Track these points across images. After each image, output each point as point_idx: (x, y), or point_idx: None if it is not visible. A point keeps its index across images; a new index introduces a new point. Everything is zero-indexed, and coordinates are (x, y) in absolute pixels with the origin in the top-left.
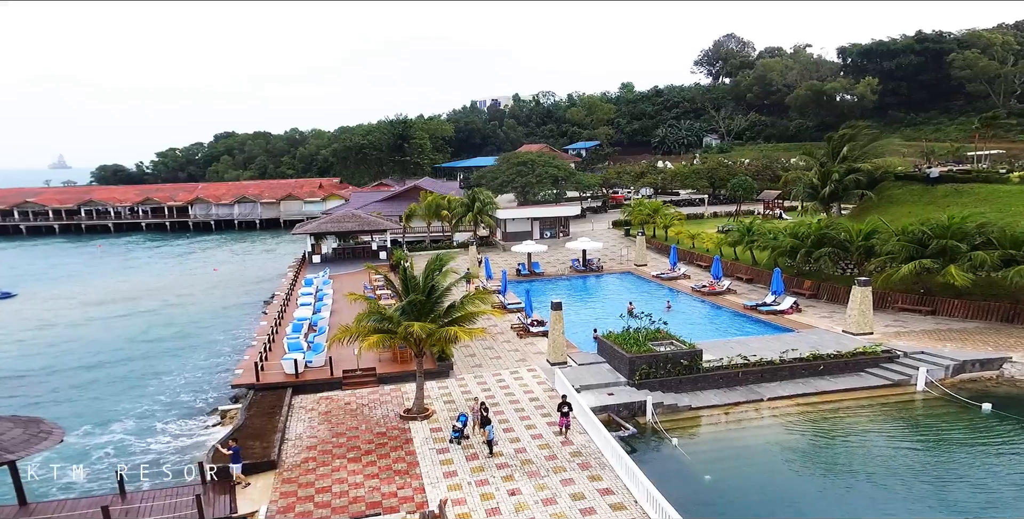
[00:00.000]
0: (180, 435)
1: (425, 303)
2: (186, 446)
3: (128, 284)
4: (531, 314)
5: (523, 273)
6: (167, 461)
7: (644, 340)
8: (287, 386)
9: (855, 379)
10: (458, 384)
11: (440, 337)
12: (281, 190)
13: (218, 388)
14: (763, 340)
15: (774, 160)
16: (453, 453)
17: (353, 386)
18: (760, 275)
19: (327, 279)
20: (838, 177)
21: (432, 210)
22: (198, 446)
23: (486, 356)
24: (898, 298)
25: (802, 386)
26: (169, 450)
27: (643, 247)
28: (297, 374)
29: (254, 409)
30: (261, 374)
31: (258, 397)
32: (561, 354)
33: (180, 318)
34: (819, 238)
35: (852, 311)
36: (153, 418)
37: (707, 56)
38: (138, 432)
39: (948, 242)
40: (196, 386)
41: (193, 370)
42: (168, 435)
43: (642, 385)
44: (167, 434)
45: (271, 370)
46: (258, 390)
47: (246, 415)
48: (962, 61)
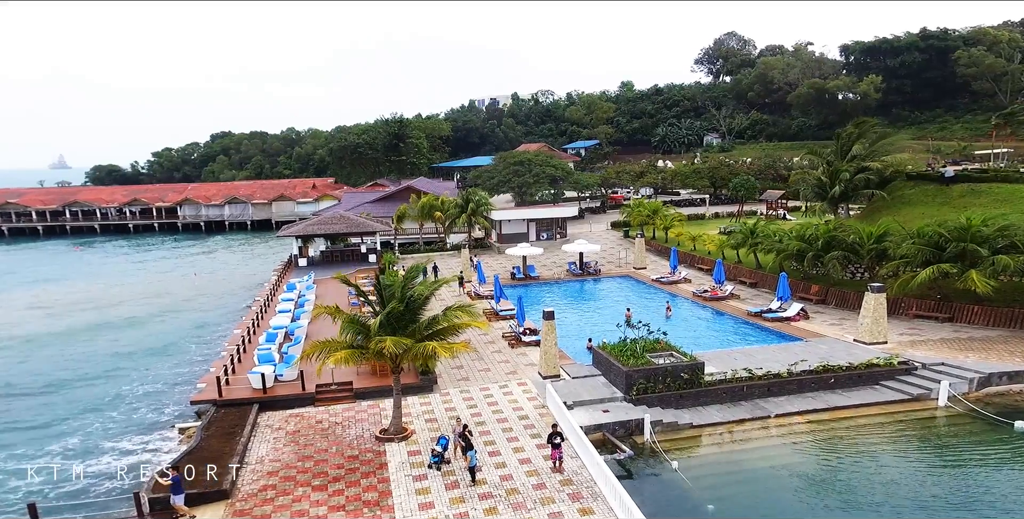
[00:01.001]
0: (127, 455)
1: (403, 315)
2: (131, 469)
3: (99, 288)
4: (523, 322)
5: (518, 277)
6: (100, 488)
7: (642, 352)
8: (253, 402)
9: (870, 393)
10: (442, 400)
11: (417, 353)
12: (273, 190)
13: (181, 402)
14: (769, 350)
15: (776, 159)
16: (431, 480)
17: (327, 402)
18: (764, 279)
19: (310, 284)
20: (848, 176)
21: (425, 211)
22: (145, 469)
23: (474, 368)
24: (912, 304)
25: (812, 401)
26: (109, 473)
27: (642, 249)
28: (265, 389)
29: (213, 428)
30: (225, 389)
31: (219, 415)
32: (553, 367)
33: (150, 325)
34: (828, 241)
35: (864, 319)
36: (101, 435)
37: (707, 54)
38: (80, 452)
39: (968, 245)
40: (157, 399)
41: (155, 381)
42: (113, 455)
43: (640, 400)
44: (112, 454)
45: (237, 384)
46: (220, 407)
47: (202, 435)
48: (968, 58)
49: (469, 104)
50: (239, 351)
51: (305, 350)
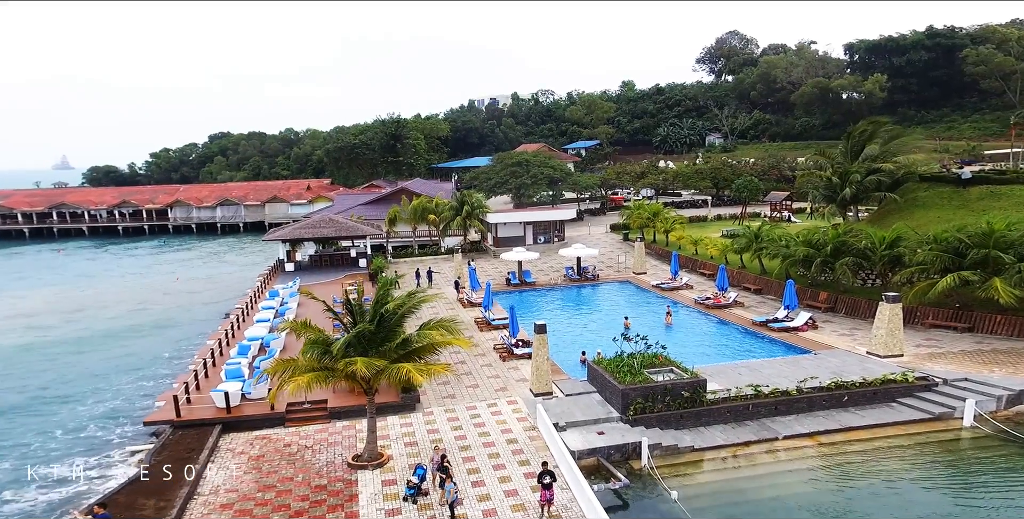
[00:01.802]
0: (64, 484)
1: (375, 334)
2: (63, 501)
3: (75, 293)
4: (516, 333)
5: (513, 282)
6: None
7: (639, 368)
8: (216, 423)
9: (886, 412)
10: (425, 420)
11: (391, 376)
12: (266, 192)
13: (139, 421)
14: (775, 364)
15: (780, 159)
16: (406, 515)
17: (299, 422)
18: (769, 285)
19: (294, 291)
20: (859, 178)
21: (418, 214)
22: (81, 500)
23: (461, 384)
24: (928, 313)
25: (823, 420)
26: (39, 507)
27: (642, 254)
28: (229, 408)
29: (165, 453)
30: (186, 408)
31: (175, 437)
32: (546, 383)
33: (120, 334)
34: (838, 246)
35: (879, 330)
36: (38, 459)
37: (709, 54)
38: (7, 480)
39: (991, 252)
40: (112, 418)
41: (115, 397)
42: (45, 485)
43: (637, 421)
44: (44, 483)
45: (201, 403)
46: (178, 428)
47: (151, 461)
48: (976, 57)
49: (469, 104)
50: (206, 365)
51: (267, 369)
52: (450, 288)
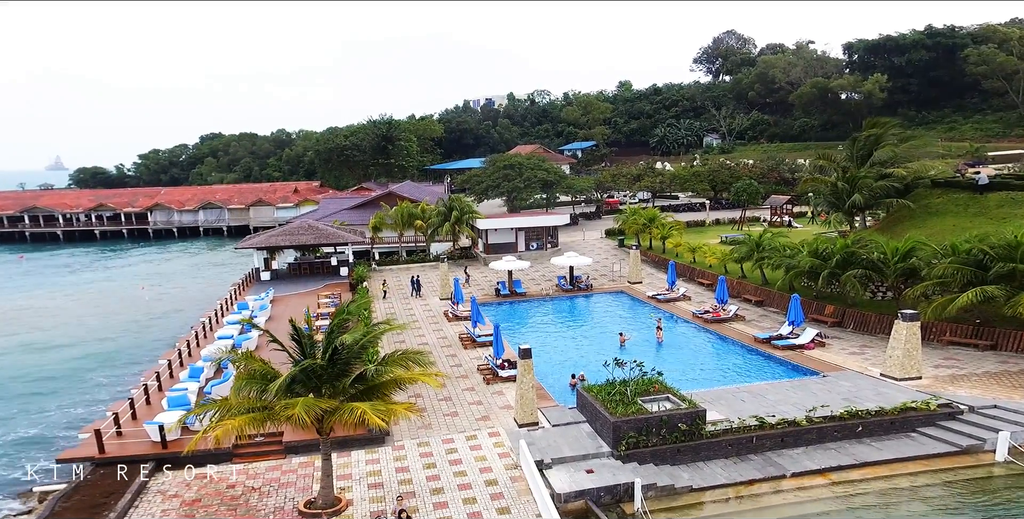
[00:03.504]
0: None
1: (327, 369)
2: None
3: (23, 304)
4: (500, 354)
5: (503, 293)
6: None
7: (633, 396)
8: (149, 459)
9: (907, 444)
10: (395, 455)
11: (342, 418)
12: (251, 195)
13: (56, 454)
14: (781, 388)
15: (780, 161)
16: None
17: (249, 458)
18: (771, 297)
19: (265, 303)
20: (869, 184)
21: (404, 220)
22: None
23: (439, 411)
24: (946, 329)
25: (836, 455)
26: None
27: (637, 262)
28: (165, 442)
29: (77, 497)
30: (115, 441)
31: (94, 477)
32: (531, 413)
33: (63, 350)
34: (846, 257)
35: (894, 350)
36: None
37: (706, 53)
38: None
39: (1018, 266)
40: (25, 450)
41: (32, 425)
42: None
43: (630, 457)
44: None
45: (135, 436)
46: (100, 465)
47: (55, 508)
48: (978, 57)
49: (464, 104)
50: (147, 391)
51: (192, 410)
52: (435, 299)
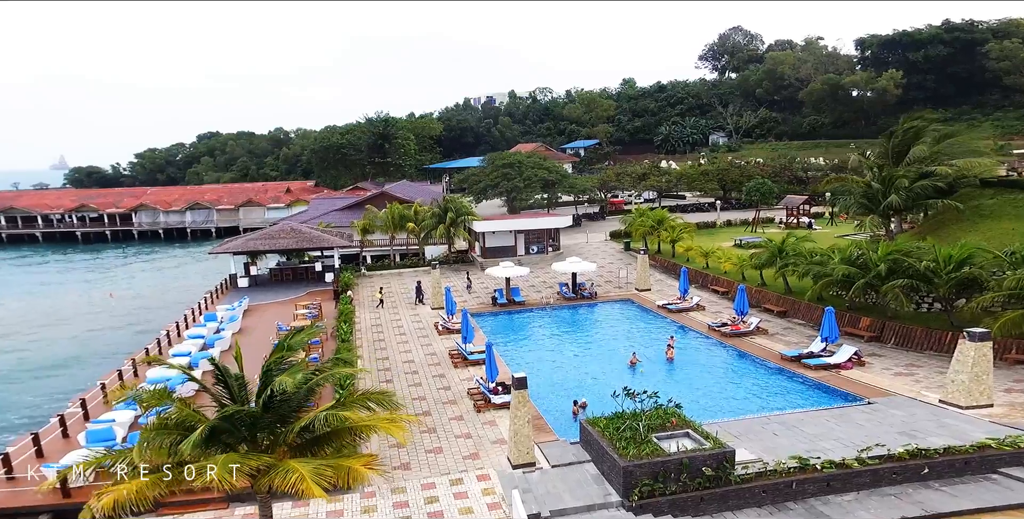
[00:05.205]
0: None
1: (260, 418)
2: None
3: None
4: (494, 377)
5: (500, 302)
6: None
7: (646, 433)
8: (45, 511)
9: (988, 489)
10: (363, 505)
11: (276, 480)
12: (241, 195)
13: None
14: (820, 418)
15: (791, 160)
16: None
17: (180, 508)
18: (796, 307)
19: (235, 315)
20: (906, 183)
21: (394, 222)
22: None
23: (420, 447)
24: (1012, 345)
25: (897, 503)
26: None
27: (645, 268)
28: (67, 491)
29: None
30: (6, 487)
31: None
32: (526, 452)
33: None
34: (890, 266)
35: (960, 374)
36: None
37: (712, 50)
38: None
39: None
40: None
41: None
42: None
43: (644, 507)
44: None
45: (32, 481)
46: None
47: None
48: (1000, 51)
49: (464, 102)
50: (64, 422)
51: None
52: (425, 308)
